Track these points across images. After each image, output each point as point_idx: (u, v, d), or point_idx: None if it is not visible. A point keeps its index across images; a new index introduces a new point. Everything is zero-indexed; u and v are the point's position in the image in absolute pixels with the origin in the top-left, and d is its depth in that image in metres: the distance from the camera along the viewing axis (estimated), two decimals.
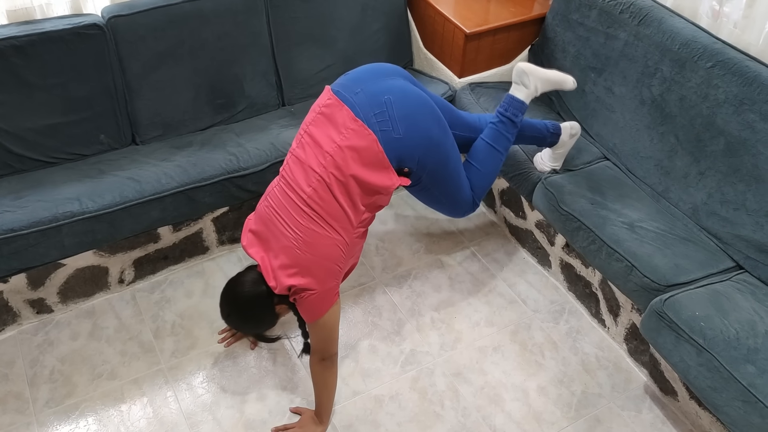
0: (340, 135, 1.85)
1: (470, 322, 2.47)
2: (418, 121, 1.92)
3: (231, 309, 1.99)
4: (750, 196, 2.11)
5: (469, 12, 2.75)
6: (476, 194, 2.21)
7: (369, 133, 1.84)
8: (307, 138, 1.91)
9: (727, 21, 2.29)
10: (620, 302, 2.33)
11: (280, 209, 1.90)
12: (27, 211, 2.15)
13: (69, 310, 2.44)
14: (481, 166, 2.19)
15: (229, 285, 1.99)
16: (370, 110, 1.86)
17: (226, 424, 2.13)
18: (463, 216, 2.28)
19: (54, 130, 2.36)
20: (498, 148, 2.19)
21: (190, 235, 2.56)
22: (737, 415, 1.81)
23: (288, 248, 1.85)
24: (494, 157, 2.20)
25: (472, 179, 2.18)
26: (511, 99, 2.20)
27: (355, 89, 1.90)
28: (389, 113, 1.87)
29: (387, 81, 1.95)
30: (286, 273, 1.85)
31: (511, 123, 2.19)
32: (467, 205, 2.21)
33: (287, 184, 1.91)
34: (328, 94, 1.94)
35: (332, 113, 1.89)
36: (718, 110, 2.17)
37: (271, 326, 2.07)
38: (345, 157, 1.84)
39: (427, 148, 1.96)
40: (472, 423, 2.16)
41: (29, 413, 2.14)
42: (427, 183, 2.05)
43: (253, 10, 2.57)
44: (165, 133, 2.55)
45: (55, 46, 2.27)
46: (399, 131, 1.87)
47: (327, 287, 1.88)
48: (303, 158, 1.89)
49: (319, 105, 1.95)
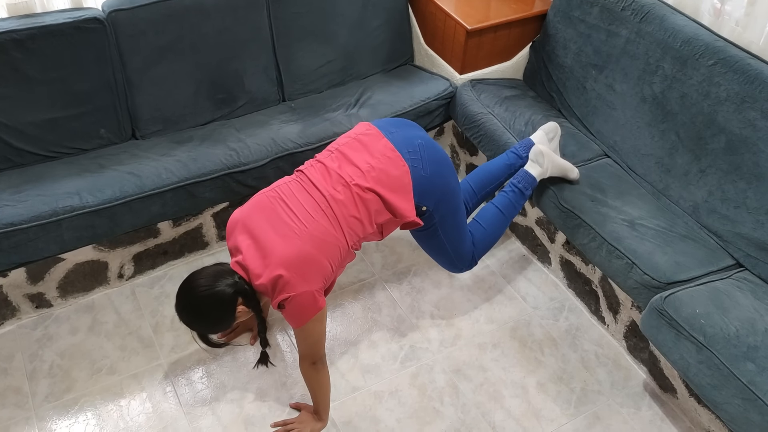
0: (375, 159, 1.98)
1: (470, 319, 2.47)
2: (442, 168, 2.09)
3: (187, 302, 1.82)
4: (750, 194, 2.11)
5: (471, 8, 2.74)
6: (477, 252, 2.31)
7: (403, 164, 1.99)
8: (339, 154, 2.01)
9: (728, 19, 2.29)
10: (620, 299, 2.33)
11: (291, 201, 1.89)
12: (27, 205, 2.14)
13: (68, 304, 2.44)
14: (487, 226, 2.32)
15: (192, 276, 1.84)
16: (404, 147, 2.02)
17: (226, 419, 2.13)
18: (460, 271, 2.38)
19: (54, 125, 2.35)
20: (505, 214, 2.34)
21: (190, 230, 2.55)
22: (736, 412, 1.81)
23: (287, 237, 1.81)
24: (501, 221, 2.34)
25: (477, 237, 2.30)
26: (526, 174, 2.34)
27: (390, 129, 2.07)
28: (420, 154, 2.04)
29: (417, 131, 2.14)
30: (276, 262, 1.78)
31: (521, 194, 2.34)
32: (467, 260, 2.30)
33: (307, 182, 1.95)
34: (366, 126, 2.09)
35: (370, 141, 2.02)
36: (719, 108, 2.17)
37: (225, 329, 1.94)
38: (375, 176, 1.95)
39: (444, 194, 2.10)
40: (472, 419, 2.16)
41: (28, 408, 2.13)
42: (437, 228, 2.15)
43: (254, 5, 2.56)
44: (165, 127, 2.54)
45: (56, 40, 2.26)
46: (427, 171, 2.03)
47: (311, 288, 1.81)
48: (332, 167, 1.97)
49: (356, 132, 2.08)
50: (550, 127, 2.43)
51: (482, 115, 2.63)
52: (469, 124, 2.67)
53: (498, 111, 2.64)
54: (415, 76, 2.87)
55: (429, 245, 2.27)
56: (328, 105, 2.68)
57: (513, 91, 2.78)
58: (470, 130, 2.68)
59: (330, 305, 2.48)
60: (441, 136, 3.06)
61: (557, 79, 2.72)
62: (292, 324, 1.89)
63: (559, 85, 2.71)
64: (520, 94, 2.77)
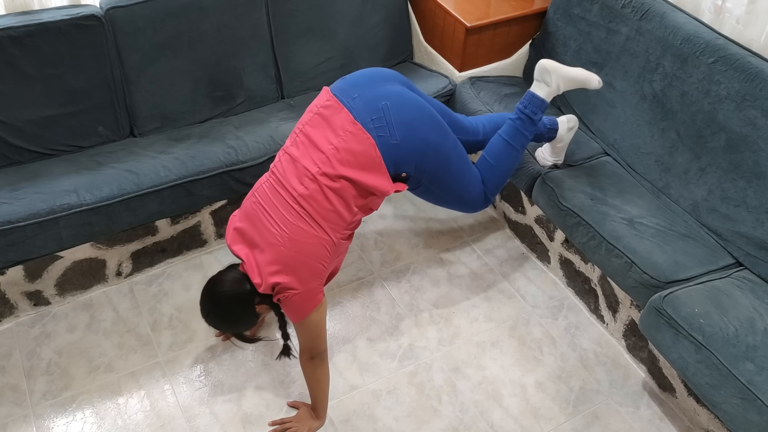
0: (338, 137, 1.85)
1: (468, 318, 2.46)
2: (415, 127, 1.92)
3: (210, 308, 1.92)
4: (750, 192, 2.10)
5: (470, 5, 2.73)
6: (489, 190, 2.19)
7: (367, 137, 1.85)
8: (303, 137, 1.90)
9: (729, 16, 2.28)
10: (619, 298, 2.33)
11: (268, 206, 1.87)
12: (24, 202, 2.14)
13: (66, 302, 2.43)
14: (495, 161, 2.18)
15: (210, 283, 1.93)
16: (367, 115, 1.87)
17: (224, 417, 2.12)
18: (475, 212, 2.28)
19: (52, 122, 2.34)
20: (514, 145, 2.18)
21: (189, 228, 2.55)
22: (735, 412, 1.80)
23: (273, 245, 1.82)
24: (510, 153, 2.18)
25: (486, 175, 2.17)
26: (532, 96, 2.17)
27: (352, 94, 1.91)
28: (386, 119, 1.88)
29: (385, 86, 1.95)
30: (270, 270, 1.82)
31: (530, 120, 2.17)
32: (478, 202, 2.19)
33: (277, 181, 1.89)
34: (327, 95, 1.94)
35: (330, 115, 1.89)
36: (719, 106, 2.16)
37: (251, 326, 2.02)
38: (341, 158, 1.84)
39: (425, 153, 1.96)
40: (470, 418, 2.16)
41: (26, 405, 2.13)
42: (429, 185, 2.05)
43: (253, 2, 2.55)
44: (163, 125, 2.53)
45: (53, 37, 2.26)
46: (396, 137, 1.88)
47: (310, 287, 1.84)
48: (296, 156, 1.88)
49: (316, 105, 1.94)
50: (572, 117, 2.38)
51: (482, 112, 2.62)
52: None
53: (497, 108, 2.63)
54: (415, 73, 2.86)
55: (430, 199, 2.16)
56: None
57: (512, 89, 2.77)
58: None
59: (328, 303, 2.48)
60: None
61: None
62: (291, 318, 1.91)
63: None
64: (519, 92, 2.75)
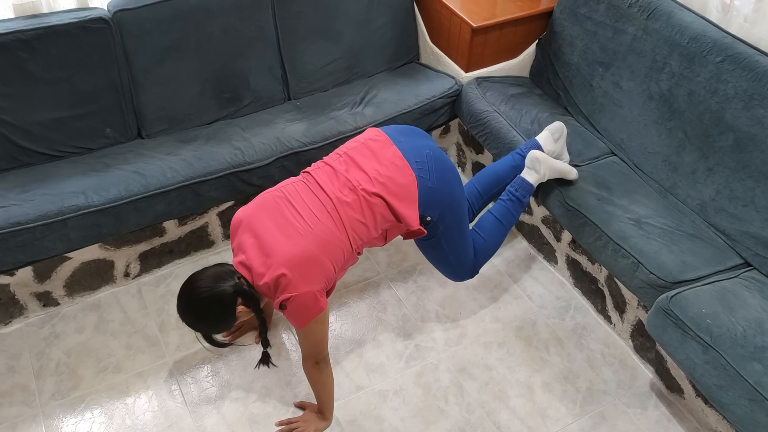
0: (383, 167, 1.97)
1: (475, 318, 2.46)
2: (448, 179, 2.08)
3: (188, 303, 1.84)
4: (759, 192, 2.09)
5: (476, 6, 2.73)
6: (478, 261, 2.30)
7: (411, 173, 1.98)
8: (347, 158, 2.01)
9: (737, 15, 2.26)
10: (626, 299, 2.32)
11: (296, 202, 1.89)
12: (33, 204, 2.15)
13: (75, 303, 2.45)
14: (486, 236, 2.31)
15: (192, 277, 1.86)
16: (413, 157, 2.01)
17: (231, 417, 2.13)
18: (462, 280, 2.37)
19: (60, 124, 2.36)
20: (504, 223, 2.32)
21: (196, 229, 2.56)
22: (743, 413, 1.79)
23: (292, 237, 1.81)
24: (499, 230, 2.33)
25: (477, 247, 2.29)
26: (522, 181, 2.32)
27: (398, 138, 2.06)
28: (428, 164, 2.03)
29: (426, 141, 2.13)
30: (280, 261, 1.78)
31: (519, 202, 2.32)
32: (469, 270, 2.30)
33: (314, 184, 1.95)
34: (376, 131, 2.08)
35: (378, 148, 2.02)
36: (727, 105, 2.15)
37: (226, 328, 1.94)
38: (382, 182, 1.94)
39: (449, 205, 2.09)
40: (476, 419, 2.15)
41: (35, 405, 2.15)
42: (441, 238, 2.15)
43: (259, 3, 2.56)
44: (171, 127, 2.55)
45: (61, 40, 2.28)
46: (433, 182, 2.02)
47: (314, 288, 1.81)
48: (340, 170, 1.97)
49: (365, 137, 2.07)
50: (556, 127, 2.40)
51: (488, 113, 2.62)
52: (475, 122, 2.66)
53: (504, 109, 2.62)
54: (421, 74, 2.86)
55: (432, 254, 2.27)
56: (334, 104, 2.68)
57: (519, 89, 2.76)
58: (476, 129, 2.67)
59: (335, 304, 2.48)
60: (446, 135, 3.05)
61: (564, 76, 2.70)
62: (294, 324, 1.89)
63: (565, 82, 2.70)
64: (526, 92, 2.75)
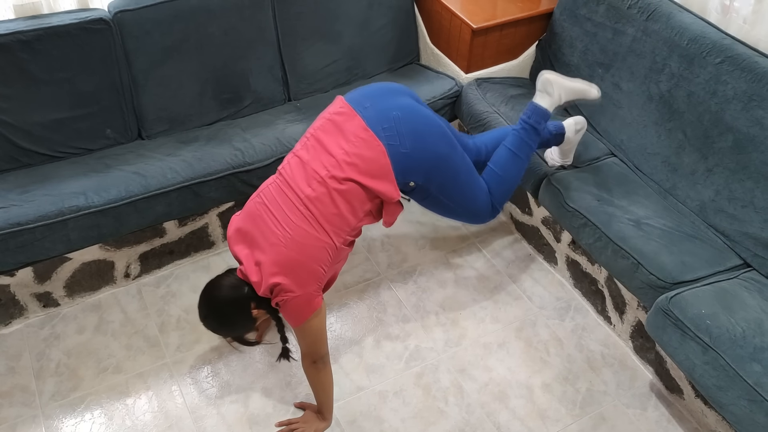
0: (349, 143, 1.88)
1: (475, 319, 2.46)
2: (424, 138, 1.95)
3: (208, 311, 1.94)
4: (758, 193, 2.09)
5: (476, 7, 2.74)
6: (496, 200, 2.20)
7: (378, 144, 1.88)
8: (314, 141, 1.93)
9: (736, 16, 2.27)
10: (626, 299, 2.32)
11: (273, 206, 1.88)
12: (33, 205, 2.16)
13: (75, 303, 2.45)
14: (502, 171, 2.19)
15: (208, 287, 1.95)
16: (379, 124, 1.90)
17: (231, 418, 2.13)
18: (482, 222, 2.28)
19: (60, 125, 2.37)
20: (520, 155, 2.20)
21: (196, 229, 2.56)
22: (743, 414, 1.79)
23: (275, 245, 1.83)
24: (516, 163, 2.21)
25: (493, 185, 2.18)
26: (535, 107, 2.21)
27: (365, 104, 1.95)
28: (397, 129, 1.91)
29: (396, 99, 1.98)
30: (270, 271, 1.82)
31: (534, 130, 2.20)
32: (485, 213, 2.20)
33: (285, 183, 1.90)
34: (340, 102, 1.98)
35: (343, 121, 1.92)
36: (726, 106, 2.15)
37: (248, 330, 2.02)
38: (350, 162, 1.86)
39: (434, 164, 1.98)
40: (476, 420, 2.15)
41: (35, 406, 2.15)
42: (438, 196, 2.06)
43: (260, 4, 2.57)
44: (171, 127, 2.55)
45: (62, 40, 2.28)
46: (406, 146, 1.91)
47: (308, 290, 1.83)
48: (306, 160, 1.90)
49: (329, 112, 1.98)
50: (579, 119, 2.37)
51: (488, 114, 2.62)
52: (475, 123, 2.67)
53: (504, 110, 2.63)
54: (421, 75, 2.86)
55: (438, 210, 2.16)
56: None
57: (519, 90, 2.77)
58: (476, 129, 2.67)
59: (335, 304, 2.49)
60: None
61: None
62: (290, 323, 1.91)
63: None
64: (526, 93, 2.75)
